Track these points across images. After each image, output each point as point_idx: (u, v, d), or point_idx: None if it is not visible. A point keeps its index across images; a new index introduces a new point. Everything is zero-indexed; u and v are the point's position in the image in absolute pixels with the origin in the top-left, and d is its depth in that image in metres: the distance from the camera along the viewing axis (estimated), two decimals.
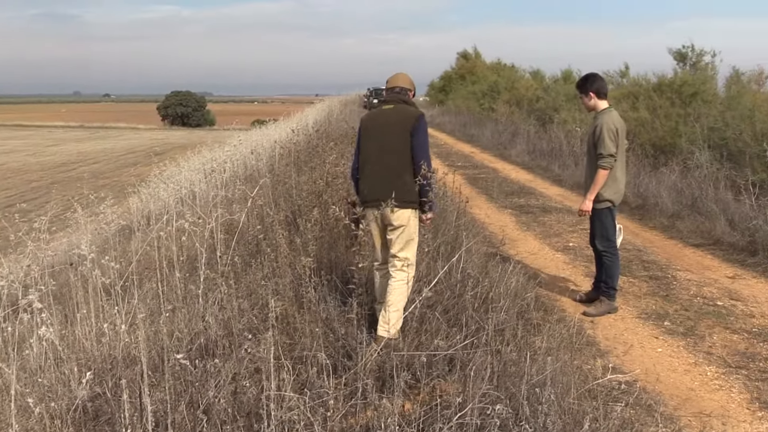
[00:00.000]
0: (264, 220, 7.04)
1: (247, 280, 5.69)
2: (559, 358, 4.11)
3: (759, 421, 4.09)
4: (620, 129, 5.82)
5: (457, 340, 4.30)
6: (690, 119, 12.71)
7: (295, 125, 17.83)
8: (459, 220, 7.00)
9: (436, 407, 3.23)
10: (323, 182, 7.58)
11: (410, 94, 5.01)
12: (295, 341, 4.64)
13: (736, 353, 5.15)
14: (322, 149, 10.17)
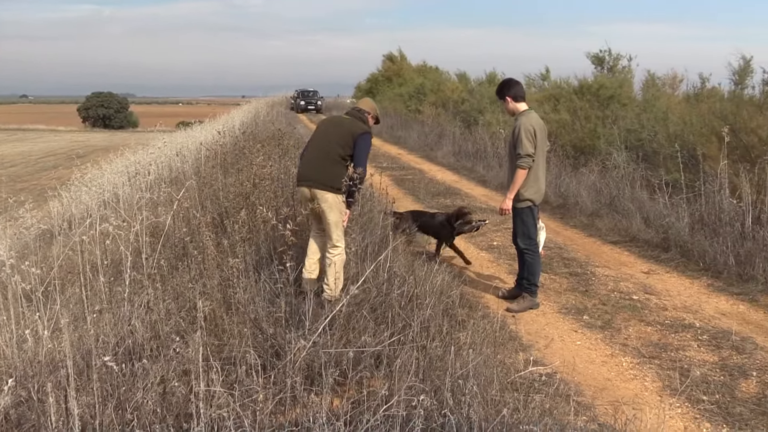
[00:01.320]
0: (190, 223, 7.00)
1: (174, 283, 5.65)
2: (483, 352, 4.24)
3: (670, 407, 4.32)
4: (538, 130, 6.01)
5: (384, 337, 4.40)
6: (608, 121, 13.16)
7: (221, 127, 17.65)
8: (386, 221, 7.09)
9: (364, 401, 3.31)
10: (250, 184, 7.57)
11: (368, 115, 5.78)
12: (224, 342, 4.66)
13: (650, 344, 5.40)
14: (249, 151, 10.13)
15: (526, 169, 5.98)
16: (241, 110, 32.14)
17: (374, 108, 5.91)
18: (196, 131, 20.26)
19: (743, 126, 9.36)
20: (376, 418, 2.91)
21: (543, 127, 6.16)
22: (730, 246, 7.28)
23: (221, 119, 24.76)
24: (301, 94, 51.78)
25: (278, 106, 44.21)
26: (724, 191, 8.06)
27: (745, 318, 5.98)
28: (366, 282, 5.29)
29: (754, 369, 4.92)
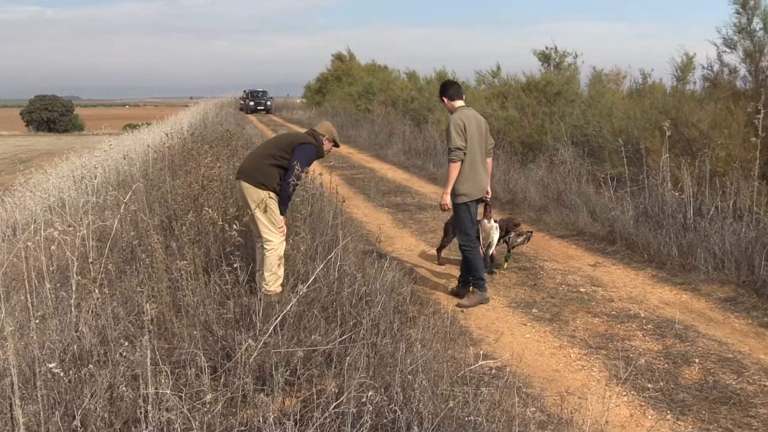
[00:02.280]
0: (138, 226, 6.91)
1: (122, 287, 5.58)
2: (433, 347, 4.29)
3: (616, 396, 4.41)
4: (469, 124, 6.12)
5: (335, 335, 4.42)
6: (555, 117, 13.37)
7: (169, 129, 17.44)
8: (336, 220, 7.10)
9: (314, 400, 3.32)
10: (199, 186, 7.51)
11: (323, 137, 5.98)
12: (174, 345, 4.62)
13: (597, 335, 5.51)
14: (197, 153, 10.03)
15: (457, 162, 6.09)
16: (190, 112, 31.82)
17: (331, 131, 6.06)
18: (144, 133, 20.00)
19: (684, 120, 9.60)
20: (326, 416, 2.92)
21: (480, 122, 6.25)
22: (673, 237, 7.47)
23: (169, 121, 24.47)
24: (250, 95, 51.41)
25: (227, 107, 43.81)
26: (667, 184, 8.27)
27: (687, 307, 6.14)
28: (317, 281, 5.30)
29: (697, 356, 5.07)
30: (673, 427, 4.03)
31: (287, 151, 5.72)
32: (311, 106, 42.04)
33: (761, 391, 4.50)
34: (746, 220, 7.10)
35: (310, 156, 5.82)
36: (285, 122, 37.01)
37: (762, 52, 9.78)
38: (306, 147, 5.78)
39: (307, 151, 5.78)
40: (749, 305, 6.09)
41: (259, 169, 5.68)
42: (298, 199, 6.99)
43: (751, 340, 5.40)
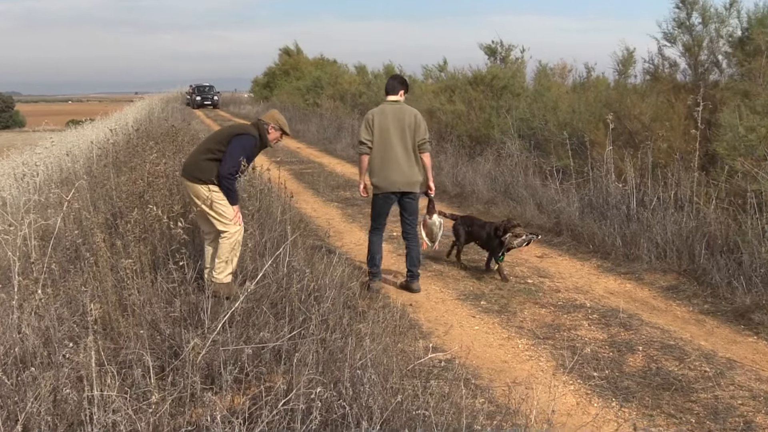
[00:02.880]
0: (82, 224, 6.77)
1: (66, 287, 5.46)
2: (383, 342, 4.30)
3: (563, 385, 4.49)
4: (381, 119, 6.31)
5: (284, 332, 4.39)
6: (502, 111, 13.49)
7: (113, 125, 17.12)
8: (285, 215, 7.06)
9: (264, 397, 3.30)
10: (144, 182, 7.39)
11: (268, 126, 5.79)
12: (120, 345, 4.54)
13: (544, 325, 5.60)
14: (142, 149, 9.87)
15: (362, 155, 6.41)
16: (135, 107, 31.23)
17: (276, 119, 5.87)
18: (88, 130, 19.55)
19: (627, 113, 9.80)
20: (275, 413, 2.91)
21: (402, 116, 6.32)
22: (617, 228, 7.62)
23: (114, 117, 23.96)
24: (196, 90, 50.77)
25: (173, 102, 43.17)
26: (611, 176, 8.44)
27: (631, 296, 6.27)
28: (265, 277, 5.27)
29: (640, 344, 5.18)
30: (618, 414, 4.11)
31: (224, 143, 5.62)
32: (259, 100, 41.69)
33: (702, 376, 4.62)
34: (687, 210, 7.28)
35: (246, 147, 5.65)
36: (232, 117, 36.62)
37: (700, 46, 10.03)
38: (242, 138, 5.66)
39: (243, 142, 5.65)
40: (690, 293, 6.25)
41: (197, 165, 5.63)
42: (245, 194, 6.92)
43: (692, 327, 5.54)
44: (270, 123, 5.83)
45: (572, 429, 3.85)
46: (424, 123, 6.41)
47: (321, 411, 3.06)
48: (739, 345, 5.17)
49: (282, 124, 5.90)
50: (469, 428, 3.04)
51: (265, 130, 5.81)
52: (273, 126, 5.84)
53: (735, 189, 7.23)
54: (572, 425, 3.92)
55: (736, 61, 9.61)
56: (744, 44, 9.43)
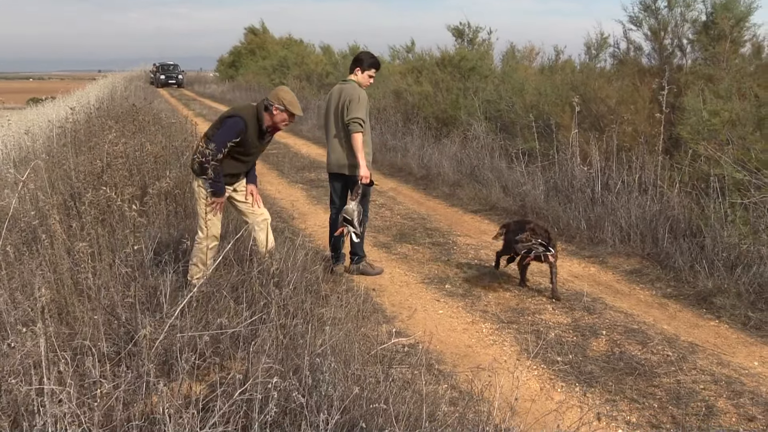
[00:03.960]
0: (39, 205, 6.58)
1: (21, 270, 5.30)
2: (345, 327, 4.22)
3: (527, 370, 4.47)
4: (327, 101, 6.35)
5: (245, 316, 4.29)
6: (469, 93, 13.43)
7: (74, 103, 16.75)
8: None
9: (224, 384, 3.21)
10: (102, 163, 7.21)
11: (272, 106, 5.16)
12: (76, 331, 4.41)
13: (508, 309, 5.57)
14: (101, 128, 9.64)
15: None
16: (97, 85, 30.68)
17: (279, 98, 5.17)
18: (48, 108, 19.11)
19: (593, 96, 9.78)
20: (231, 403, 2.82)
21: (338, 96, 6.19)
22: (582, 211, 7.62)
23: (75, 95, 23.48)
24: (160, 68, 50.01)
25: (137, 80, 42.44)
26: (576, 159, 8.43)
27: (595, 280, 6.28)
28: (227, 262, 5.17)
29: (604, 328, 5.18)
30: (582, 400, 4.10)
31: (217, 127, 5.20)
32: (224, 80, 41.20)
33: (664, 360, 4.63)
34: (651, 194, 7.30)
35: (230, 132, 5.06)
36: (197, 96, 36.16)
37: (666, 30, 10.04)
38: (228, 122, 5.14)
39: (228, 126, 5.11)
40: (653, 277, 6.27)
41: (194, 153, 5.24)
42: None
43: (655, 311, 5.56)
44: (274, 102, 5.16)
45: (536, 416, 3.82)
46: (354, 102, 6.02)
47: (280, 400, 2.99)
48: (701, 329, 5.19)
49: (287, 103, 5.17)
50: (430, 416, 2.98)
51: (263, 113, 5.19)
52: (277, 106, 5.16)
53: (698, 173, 7.26)
54: (536, 411, 3.89)
55: (701, 46, 9.64)
56: (708, 29, 9.45)
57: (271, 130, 5.32)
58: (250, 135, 5.18)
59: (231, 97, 30.26)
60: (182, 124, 11.52)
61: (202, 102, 31.27)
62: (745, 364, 4.59)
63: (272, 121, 5.22)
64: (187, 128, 10.97)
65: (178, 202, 7.02)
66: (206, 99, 33.39)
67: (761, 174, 6.51)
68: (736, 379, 4.37)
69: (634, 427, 3.85)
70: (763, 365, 4.58)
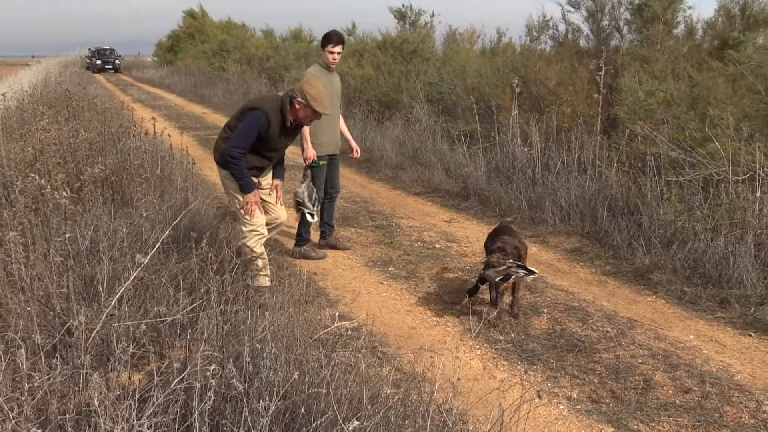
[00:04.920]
0: None
1: None
2: (287, 312, 4.18)
3: (470, 350, 4.50)
4: None
5: (185, 304, 4.22)
6: (411, 75, 13.42)
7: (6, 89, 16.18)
8: (186, 182, 6.82)
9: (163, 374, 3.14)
10: (35, 150, 6.98)
11: (296, 100, 4.77)
12: (8, 323, 4.27)
13: (452, 291, 5.59)
14: (33, 114, 9.34)
15: None
16: (31, 71, 29.73)
17: (304, 92, 4.74)
18: None
19: (533, 78, 9.88)
20: (169, 392, 2.76)
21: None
22: (523, 192, 7.70)
23: (7, 82, 22.72)
24: (96, 53, 48.81)
25: (72, 66, 41.32)
26: (517, 140, 8.50)
27: (537, 259, 6.34)
28: (166, 248, 5.06)
29: (545, 306, 5.24)
30: (524, 378, 4.14)
31: (238, 119, 4.86)
32: (163, 64, 40.40)
33: (604, 337, 4.71)
34: (590, 174, 7.41)
35: (250, 130, 4.73)
36: (135, 81, 35.41)
37: (603, 12, 10.18)
38: (249, 116, 4.76)
39: (249, 121, 4.75)
40: (593, 254, 6.37)
41: (216, 143, 5.01)
42: (138, 161, 6.63)
43: (594, 288, 5.65)
44: (297, 96, 4.75)
45: (479, 394, 3.85)
46: None
47: (221, 387, 2.94)
48: (639, 305, 5.30)
49: (310, 99, 4.72)
50: (373, 399, 2.97)
51: (286, 107, 4.80)
52: (300, 100, 4.74)
53: (635, 152, 7.39)
54: (479, 390, 3.92)
55: (636, 28, 9.81)
56: (642, 11, 9.61)
57: (296, 124, 4.95)
58: (273, 130, 4.81)
59: (170, 81, 29.72)
60: (118, 109, 11.25)
61: (140, 87, 30.62)
62: (681, 338, 4.70)
63: (296, 116, 4.85)
64: (124, 114, 10.71)
65: (116, 189, 6.84)
66: (144, 84, 32.72)
67: (695, 152, 6.66)
68: (673, 352, 4.47)
69: (575, 402, 3.91)
70: (698, 338, 4.70)
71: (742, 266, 5.37)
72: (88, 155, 7.42)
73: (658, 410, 3.81)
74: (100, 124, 8.90)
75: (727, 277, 5.41)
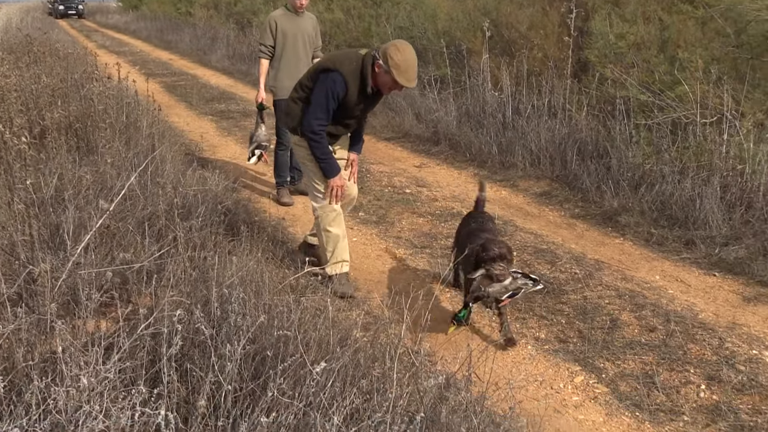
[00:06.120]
0: None
1: None
2: (256, 257, 4.16)
3: (439, 293, 4.53)
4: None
5: (153, 251, 4.18)
6: (381, 20, 13.22)
7: None
8: (153, 129, 6.70)
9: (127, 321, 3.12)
10: None
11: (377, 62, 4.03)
12: None
13: (422, 235, 5.61)
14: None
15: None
16: None
17: (387, 56, 3.98)
18: None
19: (504, 21, 9.77)
20: (135, 338, 2.75)
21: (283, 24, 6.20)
22: (493, 136, 7.69)
23: None
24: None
25: (34, 11, 40.19)
26: (487, 84, 8.46)
27: (507, 202, 6.37)
28: (133, 195, 4.99)
29: (515, 249, 5.24)
30: (492, 320, 4.18)
31: (312, 78, 4.23)
32: (128, 10, 39.35)
33: (572, 278, 4.77)
34: (560, 118, 7.41)
35: (328, 95, 4.09)
36: (99, 27, 34.52)
37: None
38: (324, 79, 4.11)
39: (324, 86, 4.10)
40: (562, 198, 6.41)
41: (288, 107, 4.48)
42: (101, 107, 6.49)
43: (563, 231, 5.70)
44: (379, 58, 4.02)
45: (447, 336, 3.89)
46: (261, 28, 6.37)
47: (189, 333, 2.94)
48: (606, 246, 5.36)
49: (392, 65, 3.96)
50: (342, 342, 2.98)
51: (368, 69, 4.08)
52: (380, 63, 4.01)
53: (605, 96, 7.39)
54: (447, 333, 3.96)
55: None
56: None
57: (377, 90, 4.23)
58: (351, 96, 4.15)
59: (135, 27, 29.03)
60: (82, 55, 10.97)
61: (104, 33, 29.87)
62: (647, 279, 4.77)
63: (375, 82, 4.13)
64: (88, 60, 10.44)
65: (80, 137, 6.71)
66: (109, 30, 31.90)
67: (664, 95, 6.68)
68: (639, 293, 4.54)
69: (543, 342, 3.96)
70: (664, 279, 4.77)
71: (708, 208, 5.44)
72: (51, 102, 7.26)
73: (624, 349, 3.88)
74: (63, 70, 8.68)
75: (693, 219, 5.48)
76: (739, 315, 4.27)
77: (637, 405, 3.40)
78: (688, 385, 3.55)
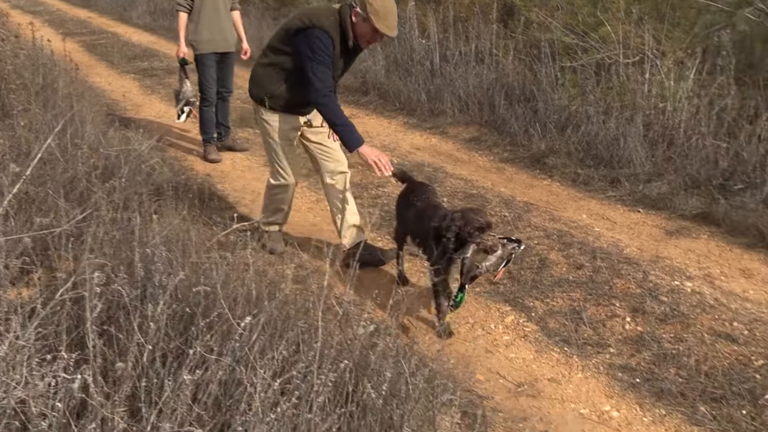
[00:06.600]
0: None
1: None
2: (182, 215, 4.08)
3: (370, 240, 4.52)
4: None
5: (74, 214, 4.06)
6: None
7: None
8: (71, 89, 6.46)
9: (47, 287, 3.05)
10: None
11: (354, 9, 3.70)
12: None
13: (352, 185, 5.49)
14: None
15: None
16: None
17: (367, 1, 3.61)
18: None
19: None
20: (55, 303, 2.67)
21: None
22: (422, 84, 7.67)
23: None
24: None
25: None
26: (414, 32, 8.38)
27: (437, 150, 6.39)
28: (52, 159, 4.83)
29: (445, 195, 5.31)
30: (421, 264, 4.20)
31: (286, 42, 3.89)
32: None
33: (502, 221, 4.83)
34: (487, 63, 7.42)
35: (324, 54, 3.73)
36: None
37: None
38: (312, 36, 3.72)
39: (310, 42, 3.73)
40: (491, 143, 6.46)
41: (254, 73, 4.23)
42: (10, 66, 6.23)
43: (492, 175, 5.75)
44: (356, 5, 3.70)
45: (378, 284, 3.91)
46: None
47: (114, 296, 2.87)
48: (535, 188, 5.44)
49: (371, 11, 3.62)
50: (271, 296, 2.96)
51: (347, 13, 3.75)
52: (358, 11, 3.68)
53: (531, 40, 7.42)
54: (377, 280, 3.98)
55: None
56: None
57: (358, 43, 3.89)
58: (336, 52, 3.82)
59: None
60: None
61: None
62: (575, 218, 4.87)
63: (354, 33, 3.80)
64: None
65: None
66: None
67: (588, 37, 6.74)
68: (567, 232, 4.63)
69: (474, 285, 4.00)
70: (590, 217, 4.87)
71: (632, 146, 5.55)
72: None
73: (553, 287, 3.97)
74: None
75: (618, 158, 5.60)
76: (662, 248, 4.40)
77: (566, 340, 3.48)
78: (614, 319, 3.65)
